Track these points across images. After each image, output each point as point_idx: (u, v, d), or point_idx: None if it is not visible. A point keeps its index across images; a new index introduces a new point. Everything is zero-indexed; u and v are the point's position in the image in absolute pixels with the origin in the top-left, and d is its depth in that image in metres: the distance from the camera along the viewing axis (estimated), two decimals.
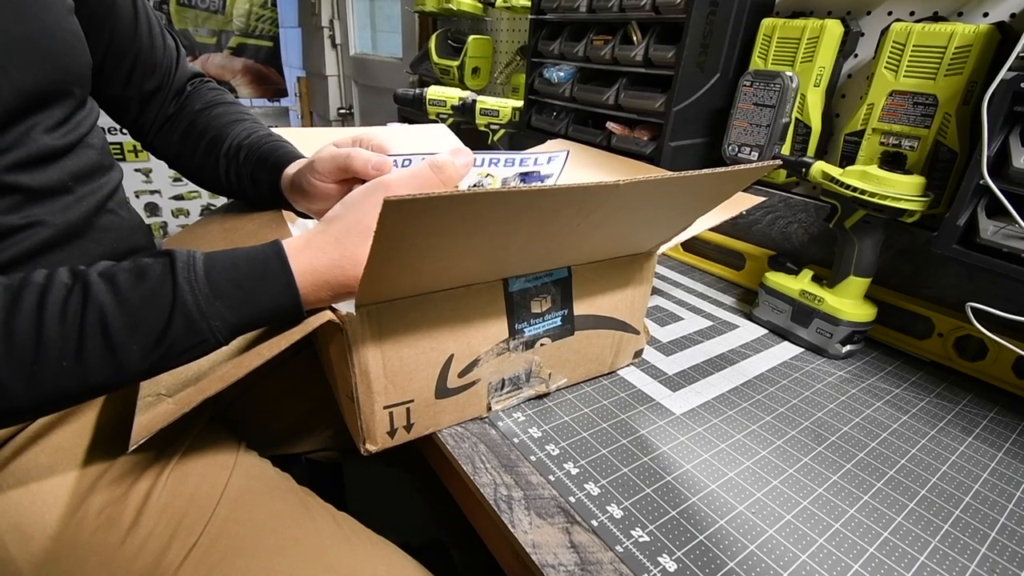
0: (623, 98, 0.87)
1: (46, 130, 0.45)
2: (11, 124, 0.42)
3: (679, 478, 0.47)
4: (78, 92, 0.49)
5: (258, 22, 2.37)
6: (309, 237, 0.40)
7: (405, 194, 0.28)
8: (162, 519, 0.46)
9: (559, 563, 0.39)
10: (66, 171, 0.47)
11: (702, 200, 0.48)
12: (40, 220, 0.45)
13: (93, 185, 0.51)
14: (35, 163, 0.44)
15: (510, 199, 0.33)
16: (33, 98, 0.43)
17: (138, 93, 0.60)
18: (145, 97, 0.61)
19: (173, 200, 2.32)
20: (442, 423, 0.51)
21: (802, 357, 0.68)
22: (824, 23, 0.69)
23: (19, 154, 0.43)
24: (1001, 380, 0.63)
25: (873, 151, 0.66)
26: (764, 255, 0.85)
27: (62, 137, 0.47)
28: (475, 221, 0.35)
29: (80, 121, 0.50)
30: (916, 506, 0.46)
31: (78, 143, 0.49)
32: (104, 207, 0.52)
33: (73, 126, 0.48)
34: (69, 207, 0.47)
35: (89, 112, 0.52)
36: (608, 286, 0.55)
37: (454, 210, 0.32)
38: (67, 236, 0.47)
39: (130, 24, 0.56)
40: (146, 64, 0.59)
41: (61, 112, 0.47)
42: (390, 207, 0.29)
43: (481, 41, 1.38)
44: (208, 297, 0.36)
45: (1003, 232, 0.53)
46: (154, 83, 0.61)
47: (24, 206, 0.44)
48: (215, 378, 0.39)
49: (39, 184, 0.45)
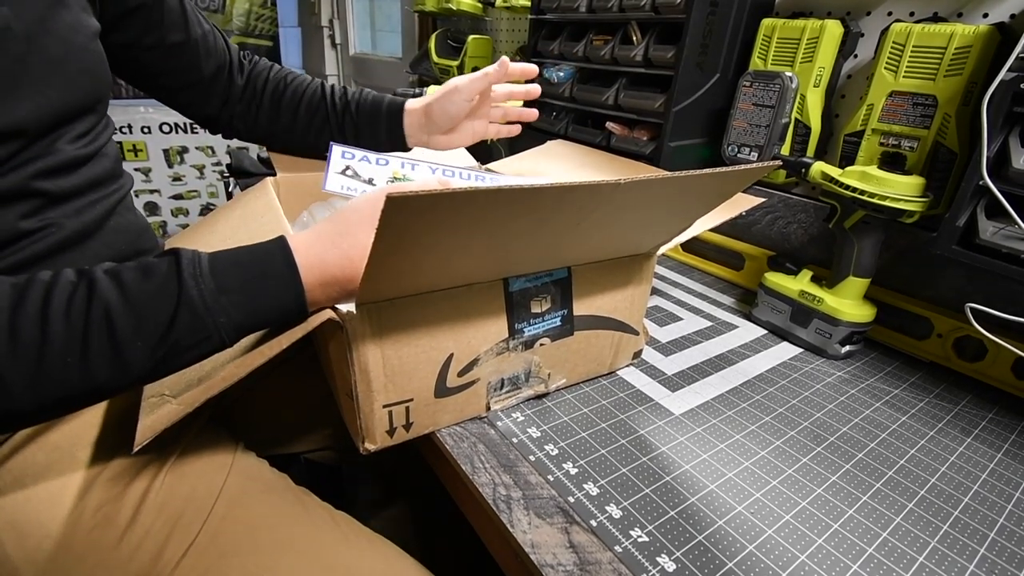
0: (623, 98, 0.87)
1: (70, 141, 0.47)
2: (43, 137, 0.45)
3: (678, 478, 0.47)
4: (100, 108, 0.52)
5: (258, 22, 2.37)
6: (315, 233, 0.40)
7: (407, 191, 0.28)
8: (159, 518, 0.46)
9: (558, 563, 0.39)
10: (84, 178, 0.49)
11: (702, 200, 0.48)
12: (54, 223, 0.46)
13: (106, 191, 0.53)
14: (59, 171, 0.46)
15: (511, 196, 0.33)
16: (64, 113, 0.46)
17: (201, 77, 0.65)
18: (208, 79, 0.66)
19: (172, 200, 2.32)
20: (441, 422, 0.51)
21: (801, 357, 0.68)
22: (824, 23, 0.69)
23: (47, 163, 0.45)
24: (1000, 381, 0.63)
25: (873, 152, 0.66)
26: (763, 255, 0.85)
27: (84, 147, 0.49)
28: (476, 218, 0.35)
29: (99, 133, 0.52)
30: (915, 507, 0.46)
31: (97, 152, 0.51)
32: (114, 211, 0.53)
33: (93, 137, 0.51)
34: (83, 211, 0.49)
35: (106, 125, 0.55)
36: (608, 286, 0.55)
37: (455, 207, 0.32)
38: (79, 239, 0.48)
39: (180, 18, 0.61)
40: (205, 48, 0.64)
41: (84, 125, 0.49)
42: (392, 203, 0.29)
43: (481, 41, 1.38)
44: (213, 292, 0.35)
45: (1002, 233, 0.53)
46: (215, 63, 0.66)
47: (42, 211, 0.45)
48: (218, 378, 0.39)
49: (59, 190, 0.46)
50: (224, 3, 2.27)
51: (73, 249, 0.48)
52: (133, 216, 0.57)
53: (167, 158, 2.24)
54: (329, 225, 0.40)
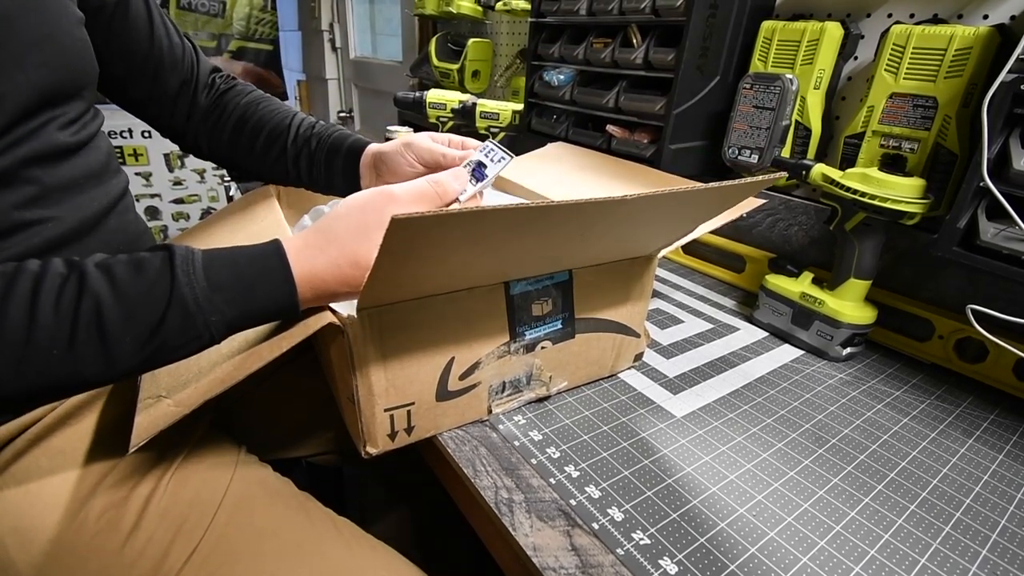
0: (623, 101, 0.87)
1: (59, 127, 0.47)
2: (28, 118, 0.44)
3: (680, 481, 0.47)
4: (87, 95, 0.52)
5: (258, 25, 2.38)
6: (308, 236, 0.40)
7: (412, 211, 0.28)
8: (162, 524, 0.46)
9: (560, 566, 0.39)
10: (78, 169, 0.49)
11: (705, 210, 0.49)
12: (52, 216, 0.46)
13: (104, 187, 0.52)
14: (50, 158, 0.46)
15: (516, 216, 0.33)
16: (48, 95, 0.45)
17: (165, 90, 0.63)
18: (172, 94, 0.64)
19: (173, 204, 2.33)
20: (443, 426, 0.51)
21: (802, 360, 0.68)
22: (824, 25, 0.69)
23: (35, 146, 0.44)
24: (1002, 382, 0.63)
25: (873, 153, 0.66)
26: (764, 258, 0.85)
27: (73, 135, 0.49)
28: (480, 235, 0.35)
29: (87, 122, 0.52)
30: (917, 508, 0.46)
31: (88, 142, 0.51)
32: (113, 209, 0.53)
33: (82, 125, 0.51)
34: (81, 206, 0.49)
35: (94, 116, 0.54)
36: (609, 289, 0.55)
37: (460, 226, 0.33)
38: (77, 234, 0.48)
39: (145, 26, 0.59)
40: (169, 62, 0.63)
41: (73, 111, 0.49)
42: (397, 224, 0.29)
43: (481, 44, 1.38)
44: (206, 291, 0.35)
45: (1003, 234, 0.53)
46: (179, 78, 0.64)
47: (38, 201, 0.45)
48: (215, 380, 0.39)
49: (53, 180, 0.46)
50: (224, 7, 2.28)
51: (70, 246, 0.48)
52: (132, 218, 0.57)
53: (168, 162, 2.24)
54: (317, 233, 0.40)
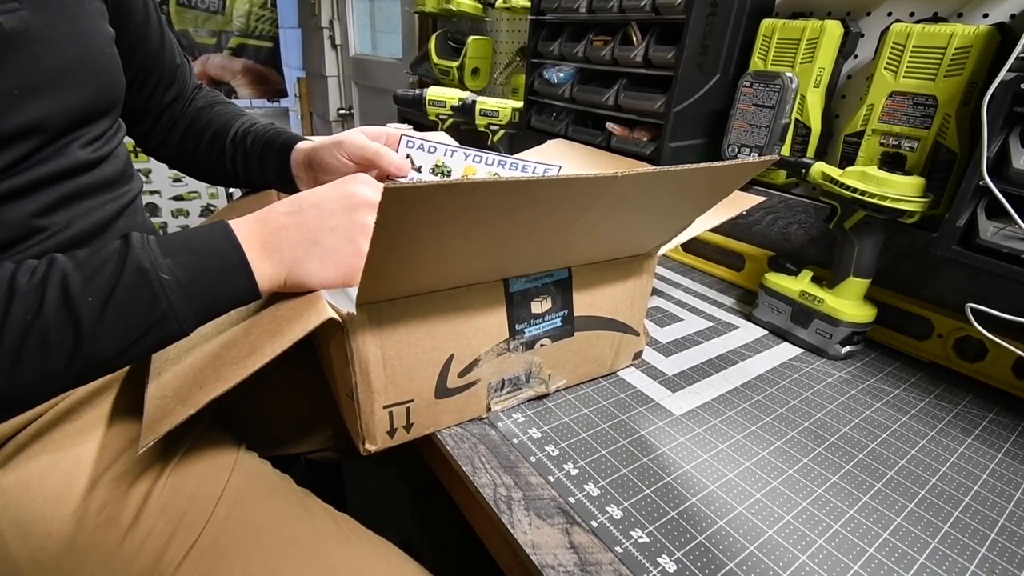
0: (623, 99, 0.87)
1: (82, 145, 0.48)
2: (55, 139, 0.45)
3: (679, 479, 0.47)
4: (114, 112, 0.54)
5: (258, 22, 2.37)
6: (261, 212, 0.43)
7: (406, 183, 0.29)
8: (162, 518, 0.46)
9: (559, 564, 0.39)
10: (96, 179, 0.50)
11: (700, 197, 0.48)
12: (67, 222, 0.47)
13: (115, 193, 0.53)
14: (70, 174, 0.47)
15: (508, 188, 0.34)
16: (78, 116, 0.47)
17: (159, 104, 0.67)
18: (163, 108, 0.68)
19: (173, 200, 2.33)
20: (442, 423, 0.51)
21: (802, 358, 0.68)
22: (824, 24, 0.69)
23: (57, 165, 0.46)
24: (1001, 381, 0.63)
25: (873, 152, 0.66)
26: (764, 256, 0.85)
27: (94, 152, 0.50)
28: (473, 212, 0.35)
29: (110, 137, 0.53)
30: (916, 507, 0.46)
31: (108, 156, 0.52)
32: (123, 213, 0.54)
33: (105, 141, 0.52)
34: (91, 212, 0.50)
35: (118, 129, 0.56)
36: (608, 287, 0.55)
37: (453, 199, 0.33)
38: (86, 238, 0.49)
39: (157, 44, 0.63)
40: (169, 79, 0.66)
41: (98, 129, 0.50)
42: (390, 194, 0.29)
43: (481, 42, 1.38)
44: (158, 254, 0.38)
45: (1003, 233, 0.53)
46: (173, 94, 0.68)
47: (51, 210, 0.46)
48: (220, 379, 0.39)
49: (71, 191, 0.47)
50: (224, 4, 2.27)
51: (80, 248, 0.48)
52: (140, 219, 0.58)
53: None
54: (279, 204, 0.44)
